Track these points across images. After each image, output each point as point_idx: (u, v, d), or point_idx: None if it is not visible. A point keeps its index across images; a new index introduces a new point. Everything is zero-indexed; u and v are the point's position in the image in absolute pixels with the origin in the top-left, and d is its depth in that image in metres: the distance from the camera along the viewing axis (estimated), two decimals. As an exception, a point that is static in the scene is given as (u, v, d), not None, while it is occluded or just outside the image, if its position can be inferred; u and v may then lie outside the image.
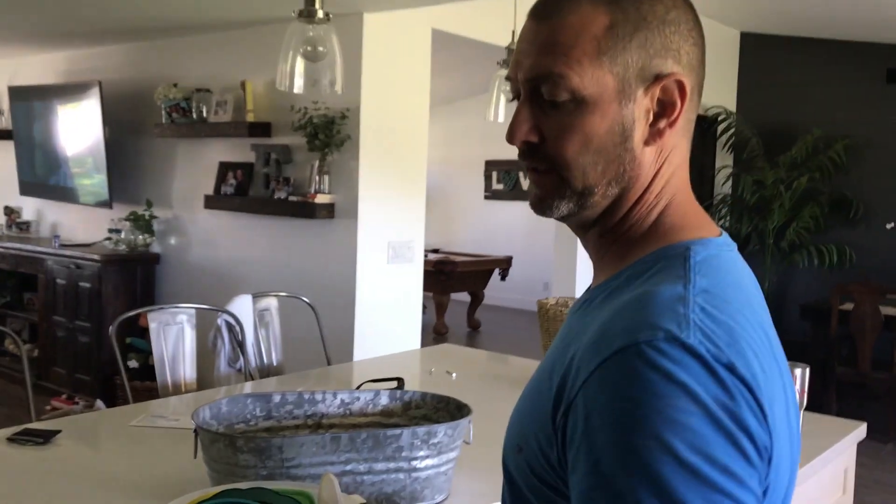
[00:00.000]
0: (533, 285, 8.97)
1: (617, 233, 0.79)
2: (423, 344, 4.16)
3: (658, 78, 0.74)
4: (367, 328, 4.16)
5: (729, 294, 0.69)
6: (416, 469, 1.53)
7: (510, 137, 0.77)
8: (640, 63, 0.73)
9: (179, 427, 1.99)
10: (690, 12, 0.77)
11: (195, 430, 1.54)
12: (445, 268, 7.37)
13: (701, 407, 0.59)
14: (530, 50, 0.75)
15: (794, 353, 5.31)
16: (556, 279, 9.05)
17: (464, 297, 8.17)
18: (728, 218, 6.76)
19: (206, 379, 2.96)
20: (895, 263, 5.99)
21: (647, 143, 0.75)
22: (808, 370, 1.89)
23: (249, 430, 1.67)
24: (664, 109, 0.75)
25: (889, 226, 5.36)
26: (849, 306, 4.70)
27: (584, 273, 5.59)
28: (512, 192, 9.39)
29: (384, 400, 1.79)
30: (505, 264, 8.23)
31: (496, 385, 2.50)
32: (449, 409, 1.73)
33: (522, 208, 9.21)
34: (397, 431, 1.50)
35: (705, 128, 6.75)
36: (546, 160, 0.76)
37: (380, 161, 4.18)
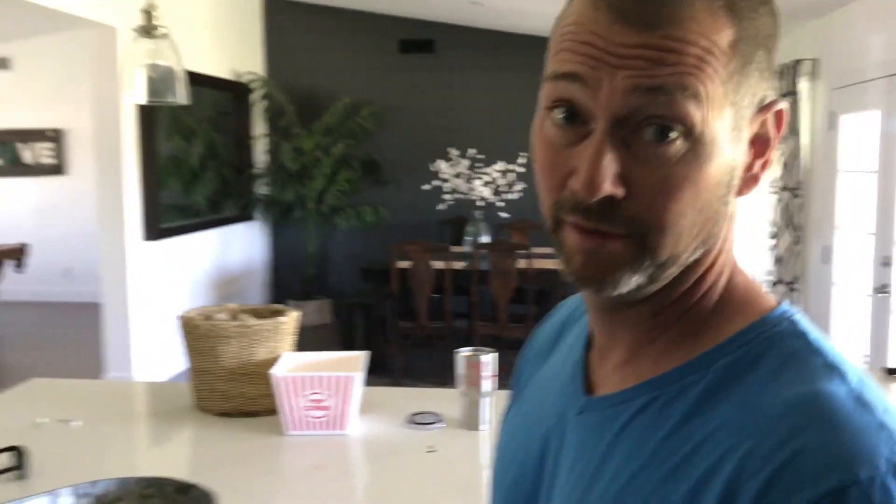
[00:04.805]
0: (51, 274, 7.91)
1: (681, 308, 0.63)
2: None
3: (761, 109, 0.60)
4: None
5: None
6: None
7: (588, 189, 0.56)
8: (754, 90, 0.59)
9: None
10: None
11: None
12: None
13: None
14: (625, 67, 0.55)
15: (362, 313, 5.44)
16: (79, 264, 8.13)
17: (-33, 296, 6.81)
18: (272, 187, 6.73)
19: None
20: (424, 219, 6.64)
21: (740, 192, 0.61)
22: (497, 355, 1.90)
23: None
24: (760, 148, 0.61)
25: (426, 187, 5.88)
26: (405, 264, 5.05)
27: (143, 255, 5.03)
28: (14, 168, 8.02)
29: (67, 501, 1.33)
30: (18, 254, 7.05)
31: (142, 426, 2.07)
32: (165, 496, 1.36)
33: (29, 185, 7.99)
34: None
35: (240, 95, 6.57)
36: (630, 222, 0.57)
37: None
